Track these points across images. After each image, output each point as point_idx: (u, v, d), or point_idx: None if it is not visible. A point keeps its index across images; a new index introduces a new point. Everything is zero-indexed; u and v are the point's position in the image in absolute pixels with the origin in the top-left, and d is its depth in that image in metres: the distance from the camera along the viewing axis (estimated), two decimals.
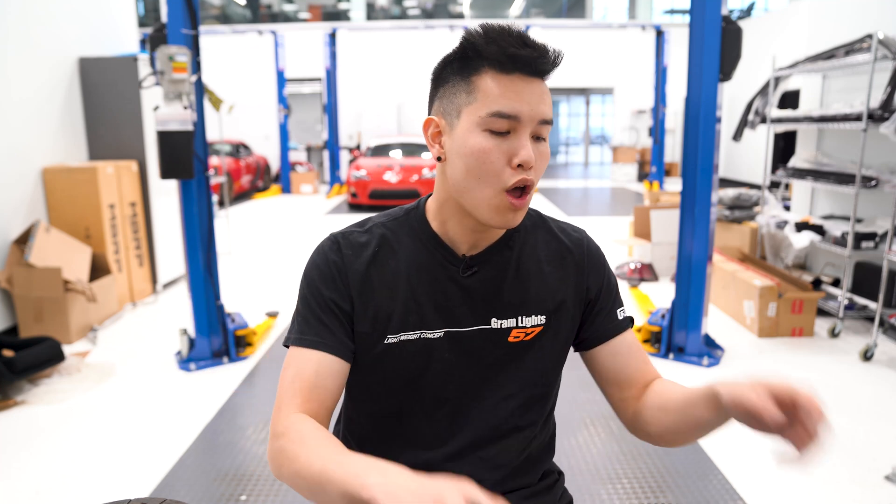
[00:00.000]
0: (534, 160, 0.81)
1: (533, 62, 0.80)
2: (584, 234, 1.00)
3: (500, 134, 0.80)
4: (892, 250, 3.31)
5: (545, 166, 0.86)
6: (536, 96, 0.81)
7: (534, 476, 0.99)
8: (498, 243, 0.92)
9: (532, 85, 0.81)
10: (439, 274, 0.90)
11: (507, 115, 0.79)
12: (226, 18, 18.98)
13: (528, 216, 0.97)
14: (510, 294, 0.92)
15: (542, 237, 0.97)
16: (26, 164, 3.84)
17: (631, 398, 0.95)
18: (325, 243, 0.92)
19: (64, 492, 2.20)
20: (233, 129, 12.51)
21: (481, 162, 0.80)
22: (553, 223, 1.00)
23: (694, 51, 3.08)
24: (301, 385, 0.83)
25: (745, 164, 11.60)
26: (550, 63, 0.81)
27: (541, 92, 0.82)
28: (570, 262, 0.96)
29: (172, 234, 4.66)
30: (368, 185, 9.06)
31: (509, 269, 0.92)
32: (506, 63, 0.80)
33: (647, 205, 5.97)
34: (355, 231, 0.93)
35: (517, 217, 0.84)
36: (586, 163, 18.62)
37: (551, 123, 0.84)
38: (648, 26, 11.67)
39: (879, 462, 2.33)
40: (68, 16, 4.23)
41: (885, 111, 3.33)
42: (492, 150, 0.80)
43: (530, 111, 0.80)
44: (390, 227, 0.93)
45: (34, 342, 3.12)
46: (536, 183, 0.84)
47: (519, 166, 0.80)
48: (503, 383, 0.93)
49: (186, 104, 3.06)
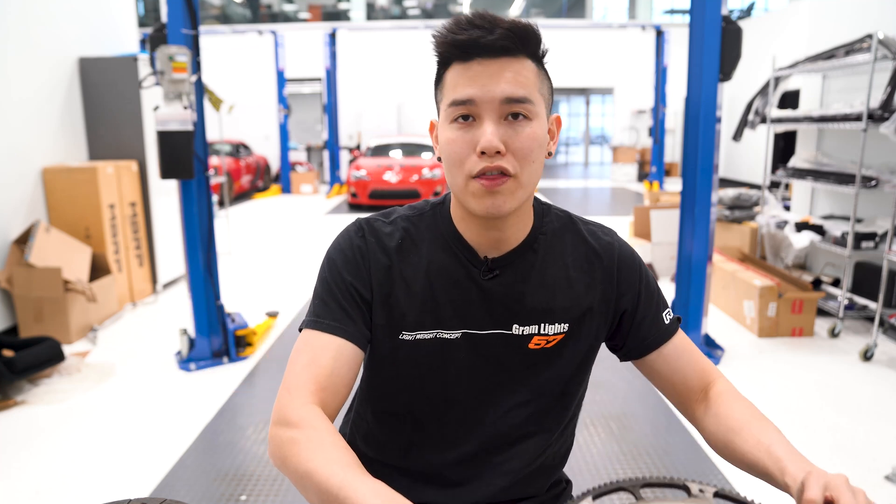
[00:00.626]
0: (496, 144, 0.76)
1: (477, 42, 0.76)
2: (614, 238, 0.95)
3: (466, 122, 0.78)
4: (892, 250, 3.31)
5: (531, 150, 0.79)
6: (494, 76, 0.76)
7: (542, 485, 0.97)
8: (521, 246, 0.88)
9: (492, 66, 0.77)
10: (460, 275, 0.87)
11: (461, 101, 0.77)
12: (226, 18, 18.98)
13: (557, 218, 0.93)
14: (533, 300, 0.88)
15: (570, 241, 0.92)
16: (26, 164, 3.84)
17: (691, 401, 0.92)
18: (351, 228, 0.90)
19: (64, 492, 2.20)
20: (233, 129, 12.51)
21: (450, 153, 0.80)
22: (583, 225, 0.94)
23: (694, 51, 3.08)
24: (317, 372, 0.79)
25: (745, 164, 11.60)
26: (502, 37, 0.76)
27: (500, 70, 0.77)
28: (598, 268, 0.91)
29: (172, 234, 4.65)
30: (368, 185, 9.06)
31: (533, 273, 0.88)
32: (459, 51, 0.78)
33: (647, 205, 5.97)
34: (380, 220, 0.91)
35: (498, 201, 0.78)
36: (586, 163, 18.62)
37: (525, 101, 0.77)
38: (648, 26, 11.67)
39: (879, 462, 2.33)
40: (68, 16, 4.23)
41: (885, 111, 3.33)
42: (456, 140, 0.79)
43: (485, 92, 0.76)
44: (414, 221, 0.91)
45: (34, 342, 3.12)
46: (524, 170, 0.79)
47: (482, 153, 0.77)
48: (519, 389, 0.90)
49: (186, 104, 3.06)
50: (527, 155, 0.78)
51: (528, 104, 0.78)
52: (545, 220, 0.92)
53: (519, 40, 0.77)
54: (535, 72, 0.80)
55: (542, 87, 0.81)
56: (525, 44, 0.78)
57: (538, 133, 0.79)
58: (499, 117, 0.77)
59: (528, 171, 0.79)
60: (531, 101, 0.78)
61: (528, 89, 0.78)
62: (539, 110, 0.80)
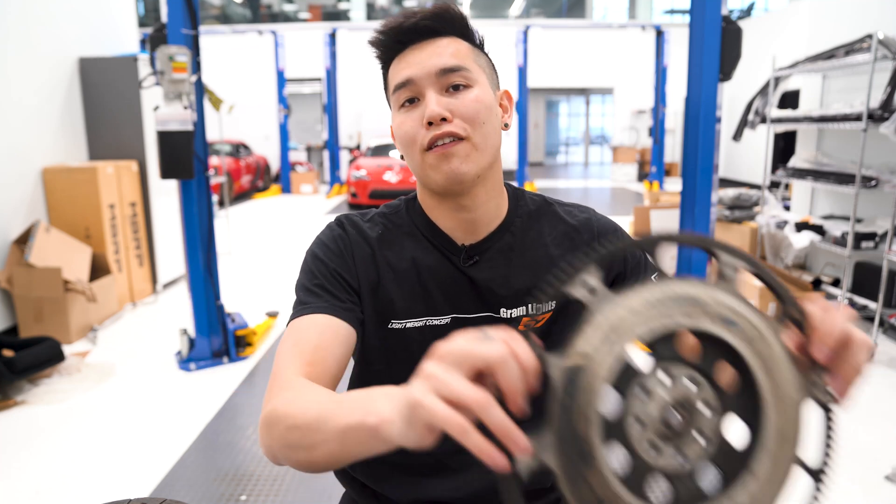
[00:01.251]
0: (440, 112, 0.78)
1: (401, 27, 0.81)
2: (591, 213, 0.96)
3: (411, 104, 0.82)
4: (892, 250, 3.31)
5: (478, 112, 0.80)
6: (426, 54, 0.81)
7: (546, 480, 0.95)
8: (498, 230, 0.89)
9: (424, 47, 0.82)
10: (441, 263, 0.88)
11: (402, 84, 0.81)
12: (226, 18, 18.98)
13: (532, 201, 0.94)
14: (518, 282, 0.88)
15: (548, 221, 0.93)
16: (26, 164, 3.84)
17: None
18: (331, 223, 0.92)
19: (64, 492, 2.20)
20: (233, 129, 12.51)
21: (402, 135, 0.82)
22: (559, 207, 0.95)
23: (694, 51, 3.08)
24: (302, 348, 0.76)
25: (745, 164, 11.61)
26: (423, 18, 0.81)
27: (433, 48, 0.81)
28: (580, 242, 0.92)
29: (172, 234, 4.65)
30: (368, 185, 9.07)
31: (513, 256, 0.89)
32: (392, 45, 0.83)
33: (647, 205, 5.97)
34: (358, 217, 0.93)
35: (454, 164, 0.79)
36: (586, 163, 18.62)
37: (461, 69, 0.80)
38: (648, 26, 11.67)
39: (879, 462, 2.33)
40: (68, 16, 4.23)
41: (885, 111, 3.33)
42: (405, 121, 0.82)
43: (421, 69, 0.80)
44: (391, 218, 0.92)
45: (34, 342, 3.12)
46: (475, 131, 0.80)
47: (429, 124, 0.79)
48: None
49: (186, 104, 3.06)
50: (474, 117, 0.80)
51: (464, 71, 0.81)
52: (520, 203, 0.93)
53: (441, 20, 0.82)
54: (469, 47, 0.84)
55: (478, 60, 0.84)
56: (449, 23, 0.82)
57: (481, 96, 0.81)
58: (440, 89, 0.80)
59: (479, 132, 0.80)
60: (467, 69, 0.81)
61: (460, 58, 0.81)
62: (478, 77, 0.82)
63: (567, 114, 22.16)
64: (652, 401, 0.48)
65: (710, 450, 0.49)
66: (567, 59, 14.57)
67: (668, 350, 0.49)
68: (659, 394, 0.48)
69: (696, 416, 0.48)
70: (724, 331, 0.49)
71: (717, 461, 0.49)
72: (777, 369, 0.49)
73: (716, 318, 0.49)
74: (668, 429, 0.48)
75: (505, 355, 0.46)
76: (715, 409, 0.49)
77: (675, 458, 0.48)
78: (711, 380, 0.49)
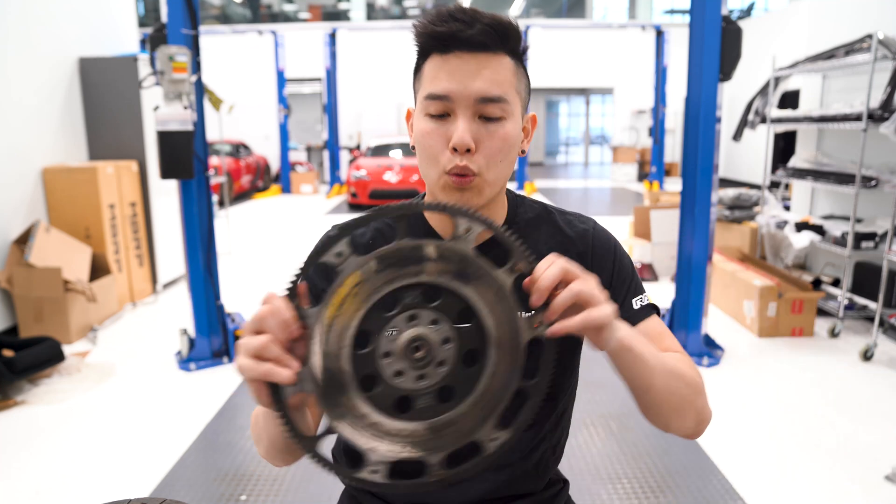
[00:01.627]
0: (468, 142, 0.76)
1: (456, 36, 0.76)
2: (590, 225, 0.93)
3: (440, 117, 0.78)
4: (892, 250, 3.31)
5: (501, 150, 0.79)
6: (471, 72, 0.76)
7: (539, 483, 0.96)
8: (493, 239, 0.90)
9: (470, 61, 0.76)
10: None
11: (438, 96, 0.77)
12: (226, 18, 18.98)
13: (531, 209, 0.93)
14: None
15: (546, 231, 0.91)
16: (26, 164, 3.84)
17: None
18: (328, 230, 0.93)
19: (64, 492, 2.20)
20: (233, 129, 12.51)
21: (424, 146, 0.80)
22: (560, 216, 0.93)
23: (694, 51, 3.08)
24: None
25: (745, 164, 11.61)
26: (481, 32, 0.75)
27: (478, 67, 0.76)
28: (574, 254, 0.89)
29: (172, 234, 4.65)
30: (368, 185, 9.06)
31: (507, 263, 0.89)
32: (438, 43, 0.78)
33: (647, 205, 5.97)
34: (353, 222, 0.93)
35: (465, 197, 0.79)
36: (586, 163, 18.62)
37: (500, 101, 0.77)
38: (648, 26, 11.67)
39: (879, 462, 2.33)
40: (68, 16, 4.23)
41: (885, 111, 3.33)
42: (431, 133, 0.79)
43: (462, 89, 0.76)
44: (389, 221, 0.92)
45: (34, 342, 3.12)
46: (490, 168, 0.79)
47: (454, 150, 0.77)
48: None
49: (186, 104, 3.06)
50: (495, 154, 0.79)
51: (502, 104, 0.78)
52: (519, 210, 0.92)
53: (498, 36, 0.77)
54: (513, 69, 0.80)
55: (518, 86, 0.81)
56: (504, 40, 0.78)
57: (511, 133, 0.79)
58: (473, 115, 0.78)
59: (494, 170, 0.80)
60: (506, 101, 0.78)
61: (503, 88, 0.78)
62: (514, 109, 0.80)
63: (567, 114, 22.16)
64: (394, 340, 0.62)
65: (446, 372, 0.63)
66: (567, 59, 14.57)
67: (412, 298, 0.63)
68: (401, 334, 0.62)
69: (433, 348, 0.62)
70: (455, 282, 0.63)
71: (451, 381, 0.63)
72: (499, 310, 0.64)
73: (447, 273, 0.63)
74: (411, 358, 0.62)
75: (264, 313, 0.62)
76: (450, 341, 0.63)
77: (416, 381, 0.63)
78: (450, 319, 0.63)
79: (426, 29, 0.78)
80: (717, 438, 2.54)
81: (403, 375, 0.62)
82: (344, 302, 0.61)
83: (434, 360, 0.63)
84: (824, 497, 2.14)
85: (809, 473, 2.28)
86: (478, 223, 0.64)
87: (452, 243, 0.64)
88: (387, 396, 0.63)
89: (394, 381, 0.62)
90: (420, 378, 0.63)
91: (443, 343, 0.63)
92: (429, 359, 0.62)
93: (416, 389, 0.63)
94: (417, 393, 0.63)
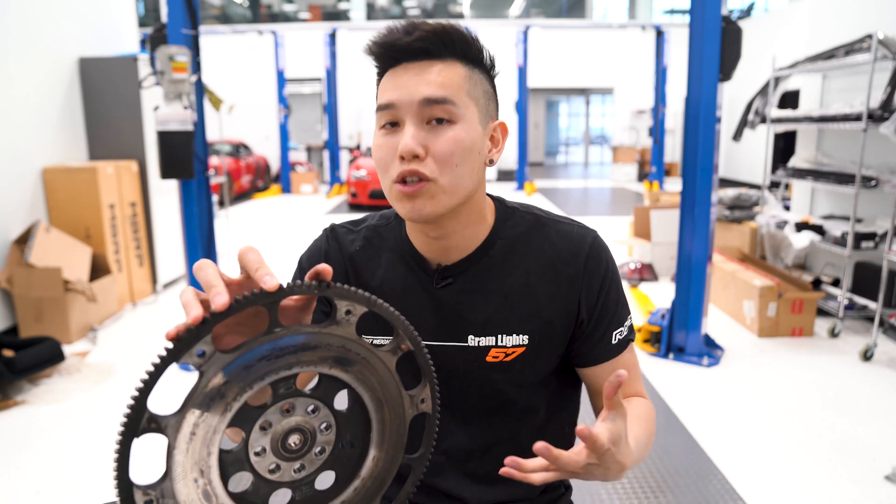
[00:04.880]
0: (413, 148, 0.74)
1: (395, 45, 0.76)
2: (587, 241, 0.87)
3: (391, 127, 0.78)
4: (892, 250, 3.31)
5: (453, 153, 0.75)
6: (414, 78, 0.75)
7: (532, 489, 0.94)
8: (476, 252, 0.85)
9: (413, 68, 0.76)
10: (413, 284, 0.86)
11: (384, 106, 0.77)
12: (226, 18, 18.98)
13: (522, 221, 0.88)
14: (489, 310, 0.84)
15: (536, 245, 0.87)
16: (26, 164, 3.84)
17: None
18: (320, 234, 0.95)
19: (64, 492, 2.20)
20: (233, 129, 12.51)
21: (377, 159, 0.80)
22: (554, 227, 0.88)
23: (694, 51, 3.08)
24: None
25: (745, 164, 11.61)
26: (419, 39, 0.75)
27: (421, 72, 0.76)
28: (564, 276, 0.85)
29: (172, 234, 4.65)
30: (368, 185, 9.06)
31: (489, 281, 0.85)
32: (385, 57, 0.78)
33: (647, 205, 5.97)
34: (347, 227, 0.94)
35: (417, 205, 0.76)
36: (586, 163, 18.62)
37: (445, 102, 0.75)
38: (648, 26, 11.67)
39: (879, 462, 2.33)
40: (68, 16, 4.23)
41: (885, 111, 3.33)
42: (382, 146, 0.78)
43: (405, 95, 0.75)
44: (380, 230, 0.92)
45: (34, 342, 3.12)
46: (444, 173, 0.76)
47: (402, 158, 0.75)
48: (477, 401, 0.87)
49: (186, 104, 3.06)
50: (447, 159, 0.75)
51: (449, 105, 0.75)
52: (507, 223, 0.88)
53: (441, 41, 0.76)
54: (464, 74, 0.78)
55: (472, 91, 0.78)
56: (448, 45, 0.77)
57: (462, 136, 0.76)
58: (420, 121, 0.76)
59: (449, 174, 0.76)
60: (453, 103, 0.76)
61: (448, 90, 0.75)
62: (465, 112, 0.77)
63: (567, 114, 22.17)
64: (268, 433, 0.58)
65: (326, 459, 0.61)
66: (567, 59, 14.57)
67: (287, 388, 0.58)
68: (276, 426, 0.58)
69: (312, 435, 0.59)
70: (334, 369, 0.60)
71: (333, 467, 0.62)
72: (382, 392, 0.62)
73: (325, 360, 0.59)
74: (287, 450, 0.59)
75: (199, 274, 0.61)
76: (330, 427, 0.60)
77: (294, 472, 0.59)
78: (329, 404, 0.60)
79: (372, 45, 0.79)
80: (717, 438, 2.54)
81: (280, 470, 0.59)
82: (208, 406, 0.56)
83: (313, 448, 0.60)
84: (824, 497, 2.14)
85: (809, 473, 2.28)
86: (359, 303, 0.60)
87: (330, 329, 0.60)
88: (261, 495, 0.59)
89: (271, 475, 0.59)
90: (300, 469, 0.60)
91: (322, 429, 0.60)
92: (307, 448, 0.60)
93: (295, 481, 0.60)
94: (297, 484, 0.60)
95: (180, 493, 0.56)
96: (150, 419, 0.55)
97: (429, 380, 0.66)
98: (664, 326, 3.40)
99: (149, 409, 0.55)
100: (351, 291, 0.60)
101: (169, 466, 0.56)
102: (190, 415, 0.56)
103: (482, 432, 0.89)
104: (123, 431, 0.54)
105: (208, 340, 0.55)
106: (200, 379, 0.55)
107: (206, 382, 0.55)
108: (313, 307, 0.67)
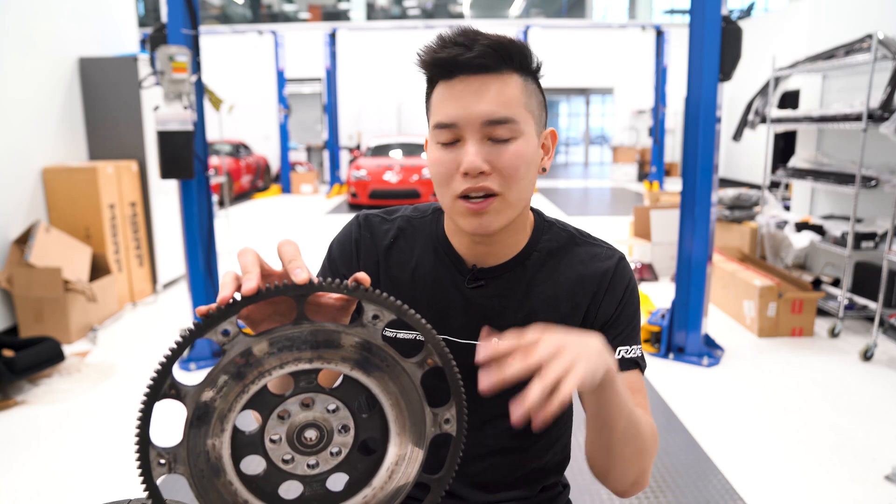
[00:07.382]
0: (479, 165, 0.74)
1: (456, 60, 0.74)
2: (613, 262, 0.88)
3: (451, 144, 0.77)
4: (892, 250, 3.31)
5: (518, 168, 0.77)
6: (475, 95, 0.75)
7: (531, 489, 0.95)
8: (512, 261, 0.87)
9: (473, 84, 0.75)
10: (445, 281, 0.88)
11: (445, 125, 0.77)
12: (226, 18, 18.98)
13: (558, 236, 0.90)
14: (515, 316, 0.86)
15: (567, 262, 0.88)
16: (26, 164, 3.84)
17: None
18: (353, 221, 0.94)
19: (64, 492, 2.20)
20: (233, 129, 12.51)
21: (436, 173, 0.79)
22: (586, 248, 0.90)
23: (694, 51, 3.08)
24: None
25: (745, 164, 11.61)
26: (481, 54, 0.74)
27: (481, 89, 0.75)
28: (586, 294, 0.87)
29: (172, 234, 4.66)
30: (368, 185, 9.06)
31: (519, 289, 0.86)
32: (441, 70, 0.77)
33: (647, 205, 5.97)
34: (381, 216, 0.94)
35: (485, 221, 0.78)
36: (586, 163, 18.62)
37: (508, 122, 0.75)
38: (648, 26, 11.67)
39: (879, 462, 2.33)
40: (68, 16, 4.23)
41: (885, 111, 3.33)
42: (441, 161, 0.78)
43: (467, 114, 0.75)
44: (414, 222, 0.92)
45: (34, 342, 3.12)
46: (511, 187, 0.77)
47: (465, 174, 0.76)
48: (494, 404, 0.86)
49: (186, 104, 3.06)
50: (512, 174, 0.77)
51: (511, 124, 0.76)
52: (544, 237, 0.90)
53: (500, 56, 0.75)
54: (521, 87, 0.78)
55: (529, 103, 0.79)
56: (507, 59, 0.76)
57: (524, 151, 0.77)
58: (482, 137, 0.76)
59: (515, 189, 0.78)
60: (514, 121, 0.76)
61: (510, 108, 0.76)
62: (524, 128, 0.77)
63: (567, 114, 22.18)
64: (285, 423, 0.59)
65: (341, 461, 0.61)
66: (567, 59, 14.57)
67: (308, 382, 0.59)
68: (293, 417, 0.59)
69: (329, 433, 0.60)
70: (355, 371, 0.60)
71: (346, 470, 0.61)
72: (405, 403, 0.61)
73: (348, 361, 0.60)
74: (302, 444, 0.59)
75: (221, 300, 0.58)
76: (348, 429, 0.60)
77: (308, 468, 0.60)
78: (350, 407, 0.60)
79: (428, 56, 0.77)
80: (717, 438, 2.54)
81: (294, 462, 0.60)
82: (226, 384, 0.57)
83: (329, 447, 0.60)
84: (824, 497, 2.14)
85: (809, 473, 2.28)
86: (388, 310, 0.60)
87: (355, 331, 0.60)
88: (272, 483, 0.60)
89: (283, 464, 0.60)
90: (314, 465, 0.60)
91: (340, 430, 0.60)
92: (322, 445, 0.60)
93: (307, 476, 0.60)
94: (309, 480, 0.61)
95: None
96: (171, 385, 0.57)
97: (457, 400, 0.63)
98: (664, 326, 3.40)
99: (172, 376, 0.57)
100: (381, 298, 0.60)
101: (185, 435, 0.58)
102: (209, 389, 0.57)
103: (494, 439, 0.90)
104: (148, 393, 0.56)
105: (234, 321, 0.57)
106: (223, 357, 0.57)
107: (228, 361, 0.57)
108: (352, 309, 0.67)
